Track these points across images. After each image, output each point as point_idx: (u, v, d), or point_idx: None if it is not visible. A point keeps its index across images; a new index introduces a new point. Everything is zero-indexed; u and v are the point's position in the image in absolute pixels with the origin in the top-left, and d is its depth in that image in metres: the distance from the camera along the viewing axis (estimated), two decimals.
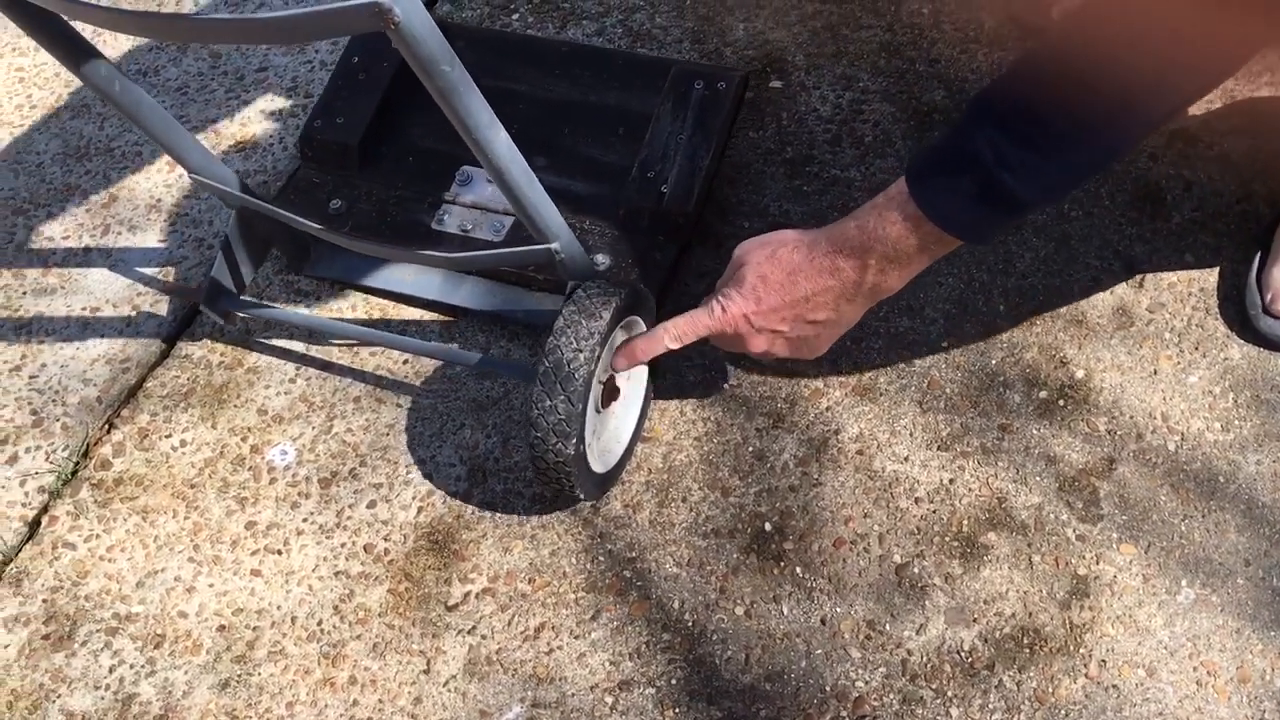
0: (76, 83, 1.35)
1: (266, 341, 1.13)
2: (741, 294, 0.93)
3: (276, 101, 1.33)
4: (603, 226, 1.13)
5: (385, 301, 1.16)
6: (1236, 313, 1.11)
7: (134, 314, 1.15)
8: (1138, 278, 1.14)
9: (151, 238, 1.21)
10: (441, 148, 1.18)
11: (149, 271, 1.19)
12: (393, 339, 1.07)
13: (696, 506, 1.02)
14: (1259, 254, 1.11)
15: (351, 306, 1.16)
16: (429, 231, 1.13)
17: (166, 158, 1.28)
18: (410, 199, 1.16)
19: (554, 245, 0.91)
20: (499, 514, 1.02)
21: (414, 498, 1.03)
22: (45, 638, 0.95)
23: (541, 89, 1.21)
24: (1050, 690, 0.92)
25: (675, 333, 0.96)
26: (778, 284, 0.91)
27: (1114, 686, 0.92)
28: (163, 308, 1.16)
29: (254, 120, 1.31)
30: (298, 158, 1.22)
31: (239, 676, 0.94)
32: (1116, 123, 0.79)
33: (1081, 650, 0.94)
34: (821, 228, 0.92)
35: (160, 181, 1.26)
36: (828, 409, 1.08)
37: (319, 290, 1.17)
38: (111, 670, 0.94)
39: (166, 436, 1.07)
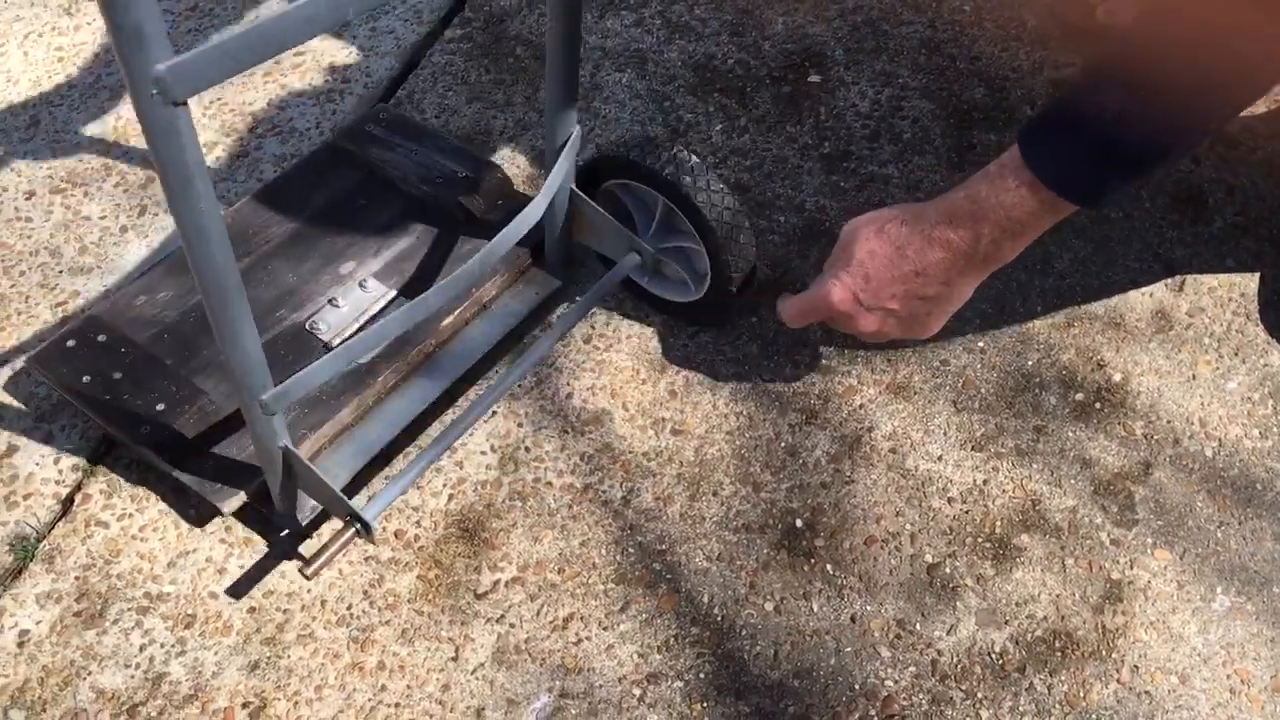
0: (114, 65, 1.36)
1: None
2: (849, 272, 0.91)
3: (313, 86, 1.33)
4: None
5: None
6: (1277, 319, 1.09)
7: None
8: (1177, 281, 1.13)
9: None
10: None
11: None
12: None
13: (727, 501, 1.02)
14: None
15: None
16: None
17: (203, 138, 1.28)
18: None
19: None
20: (529, 503, 1.02)
21: (445, 485, 1.03)
22: (77, 615, 0.96)
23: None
24: (1081, 694, 0.92)
25: (787, 315, 0.96)
26: (886, 260, 0.89)
27: (1146, 692, 0.92)
28: None
29: (291, 104, 1.31)
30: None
31: (268, 658, 0.94)
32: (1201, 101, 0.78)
33: (1114, 655, 0.93)
34: (928, 201, 0.90)
35: None
36: (861, 406, 1.07)
37: None
38: (142, 649, 0.94)
39: None
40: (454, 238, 1.11)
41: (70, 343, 1.02)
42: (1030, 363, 1.09)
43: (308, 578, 0.88)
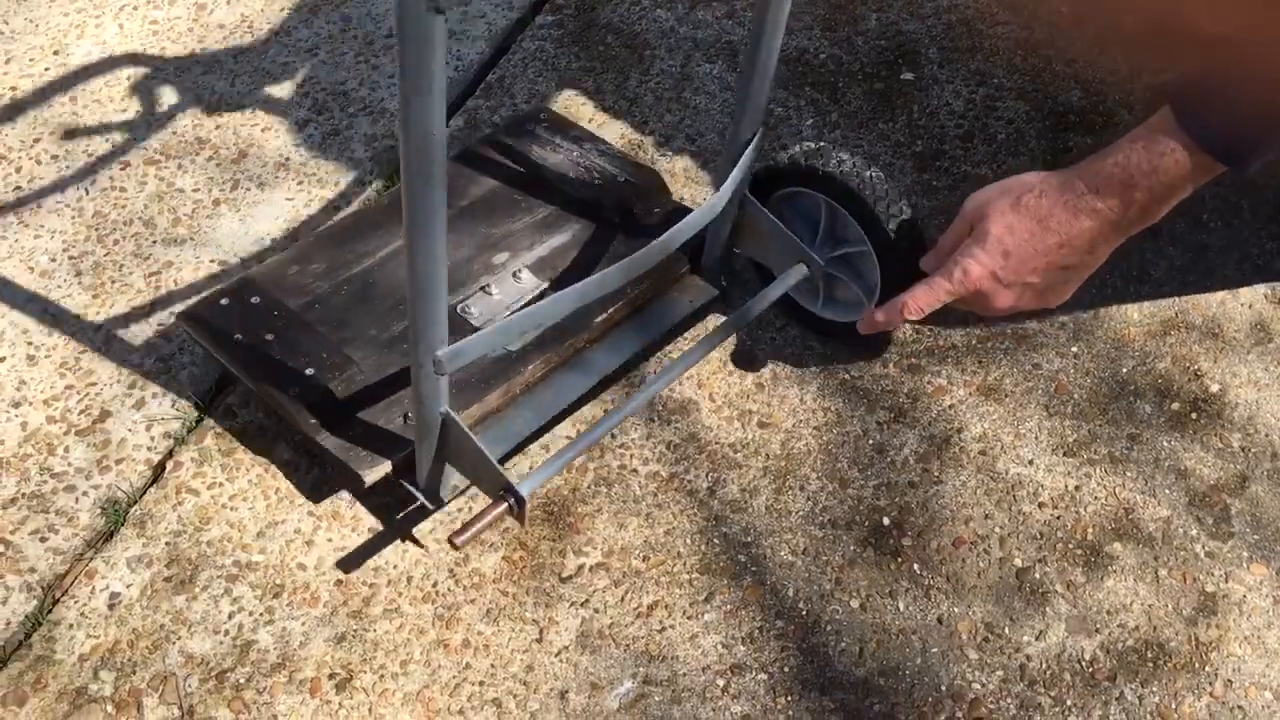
0: (210, 37, 1.37)
1: None
2: (986, 250, 0.89)
3: None
4: None
5: None
6: None
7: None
8: (1278, 293, 1.11)
9: (279, 195, 1.23)
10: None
11: (276, 227, 1.20)
12: None
13: (814, 496, 1.01)
14: None
15: None
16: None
17: (295, 116, 1.29)
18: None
19: None
20: (615, 489, 1.02)
21: (531, 468, 1.03)
22: (167, 580, 0.97)
23: None
24: (1173, 707, 0.90)
25: (915, 305, 0.93)
26: (1027, 234, 0.87)
27: (1239, 707, 0.90)
28: None
29: (382, 85, 1.32)
30: None
31: (355, 631, 0.94)
32: None
33: (1207, 668, 0.92)
34: (1067, 169, 0.87)
35: (289, 141, 1.27)
36: (950, 407, 1.06)
37: None
38: (231, 616, 0.95)
39: None
40: (611, 238, 1.11)
41: (224, 301, 1.04)
42: (1125, 370, 1.07)
43: (457, 548, 0.88)
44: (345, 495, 1.02)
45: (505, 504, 0.89)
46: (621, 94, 1.30)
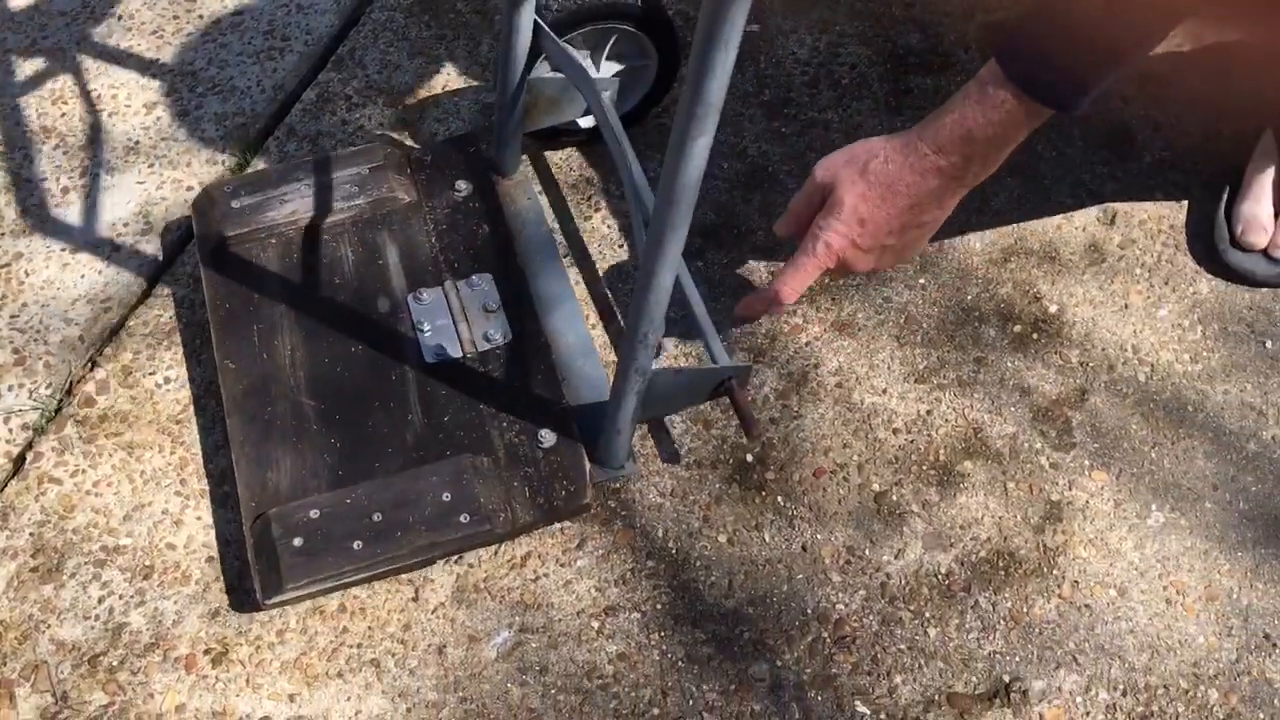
0: (51, 24, 1.34)
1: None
2: (842, 221, 0.91)
3: (253, 44, 1.32)
4: None
5: None
6: (1205, 248, 1.13)
7: (114, 254, 1.15)
8: (1109, 215, 1.16)
9: (130, 179, 1.21)
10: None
11: (128, 212, 1.18)
12: None
13: (679, 438, 1.04)
14: (1226, 190, 1.13)
15: None
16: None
17: (143, 99, 1.27)
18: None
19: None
20: None
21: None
22: (33, 570, 0.96)
23: None
24: (1025, 610, 0.95)
25: (789, 289, 0.96)
26: (878, 199, 0.90)
27: (1087, 605, 0.95)
28: (144, 247, 1.15)
29: (231, 63, 1.31)
30: (273, 101, 1.23)
31: (229, 606, 0.95)
32: None
33: (1055, 572, 0.97)
34: (907, 131, 0.90)
35: (137, 124, 1.25)
36: (807, 344, 1.09)
37: None
38: (101, 601, 0.95)
39: (150, 374, 1.07)
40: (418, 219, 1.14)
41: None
42: (970, 297, 1.12)
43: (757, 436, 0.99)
44: (214, 474, 1.01)
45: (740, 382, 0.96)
46: (475, 59, 1.30)
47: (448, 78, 1.29)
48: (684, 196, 0.74)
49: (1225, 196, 1.13)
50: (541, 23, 1.04)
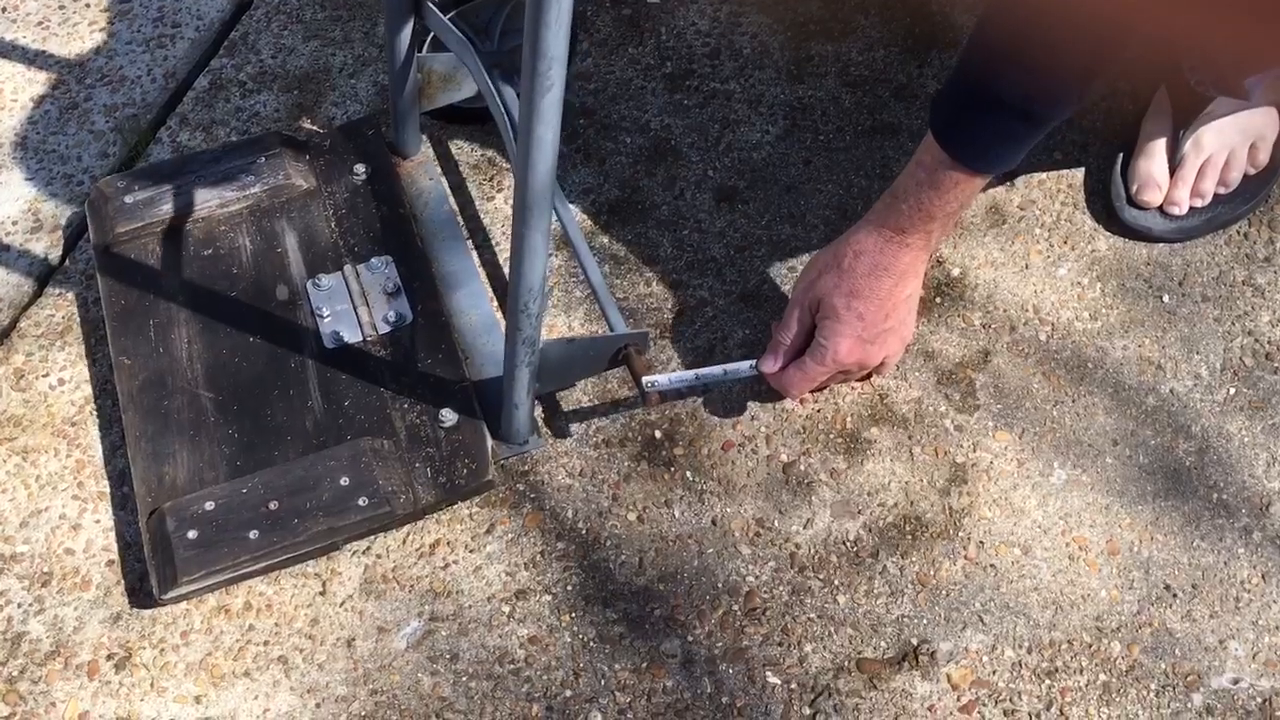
0: None
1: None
2: (842, 322, 0.96)
3: (143, 32, 1.29)
4: None
5: None
6: (1103, 206, 1.14)
7: (3, 254, 1.12)
8: (1009, 176, 1.17)
9: (18, 176, 1.18)
10: None
11: (17, 210, 1.15)
12: None
13: (587, 418, 1.04)
14: (1123, 149, 1.15)
15: None
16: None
17: (29, 94, 1.24)
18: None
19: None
20: None
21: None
22: None
23: None
24: (932, 573, 0.96)
25: (795, 390, 1.00)
26: (866, 290, 0.95)
27: (992, 565, 0.96)
28: (34, 246, 1.13)
29: (120, 52, 1.27)
30: (165, 89, 1.20)
31: (131, 610, 0.93)
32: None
33: (960, 534, 0.98)
34: (867, 222, 0.96)
35: (24, 119, 1.22)
36: (714, 317, 1.09)
37: None
38: None
39: (44, 375, 1.05)
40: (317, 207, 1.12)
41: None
42: None
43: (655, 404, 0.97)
44: (112, 476, 0.99)
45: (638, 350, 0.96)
46: (371, 41, 1.28)
47: (344, 60, 1.26)
48: (542, 154, 0.73)
49: (1121, 155, 1.14)
50: None
